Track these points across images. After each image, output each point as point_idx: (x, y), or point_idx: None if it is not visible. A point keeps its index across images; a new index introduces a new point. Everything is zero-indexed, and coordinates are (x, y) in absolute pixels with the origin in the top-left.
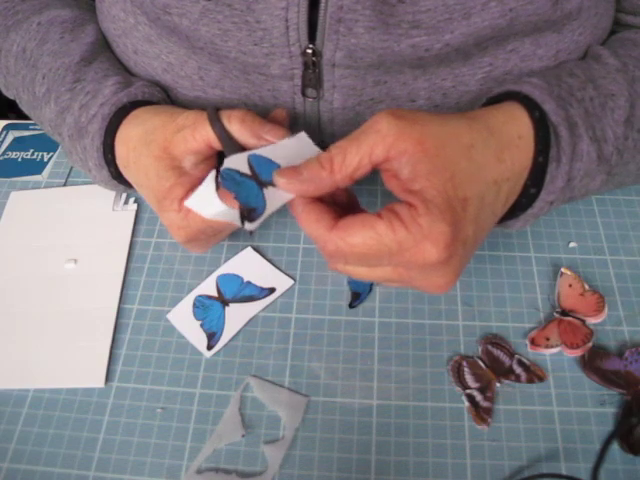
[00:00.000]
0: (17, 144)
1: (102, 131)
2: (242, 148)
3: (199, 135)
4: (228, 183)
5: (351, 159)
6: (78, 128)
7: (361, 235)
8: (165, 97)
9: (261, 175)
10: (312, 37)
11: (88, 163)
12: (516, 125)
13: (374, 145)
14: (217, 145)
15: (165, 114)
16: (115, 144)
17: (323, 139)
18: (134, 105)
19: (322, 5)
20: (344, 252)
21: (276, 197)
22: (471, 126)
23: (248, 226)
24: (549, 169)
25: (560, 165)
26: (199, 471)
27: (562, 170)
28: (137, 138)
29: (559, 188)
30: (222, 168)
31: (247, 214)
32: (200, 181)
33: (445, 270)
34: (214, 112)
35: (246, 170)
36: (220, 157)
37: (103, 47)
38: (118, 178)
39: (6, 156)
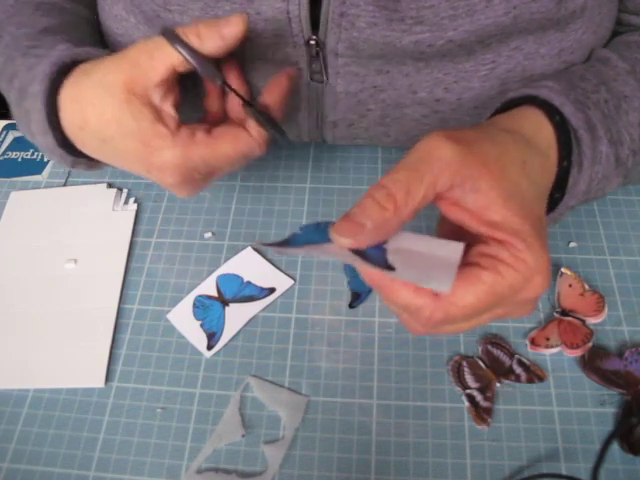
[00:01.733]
0: (17, 144)
1: (43, 92)
2: (210, 59)
3: (159, 62)
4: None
5: (416, 192)
6: (21, 90)
7: (472, 293)
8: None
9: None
10: (315, 27)
11: (31, 127)
12: (543, 133)
13: (439, 174)
14: (181, 67)
15: (111, 57)
16: (61, 105)
17: (324, 132)
18: (77, 64)
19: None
20: (455, 317)
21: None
22: (515, 140)
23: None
24: (572, 173)
25: (582, 169)
26: (199, 471)
27: (584, 174)
28: (91, 90)
29: (581, 192)
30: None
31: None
32: (176, 110)
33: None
34: (171, 33)
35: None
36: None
37: (76, 29)
38: (65, 147)
39: (6, 156)
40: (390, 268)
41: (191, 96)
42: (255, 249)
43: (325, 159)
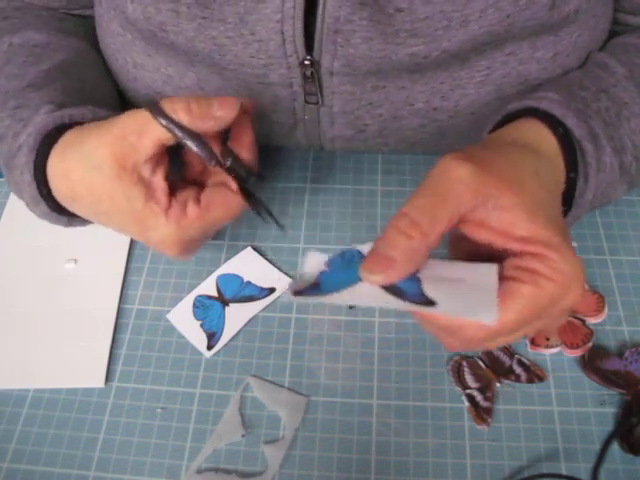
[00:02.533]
0: None
1: (30, 165)
2: (197, 134)
3: (147, 139)
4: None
5: (442, 217)
6: (8, 159)
7: (514, 310)
8: (102, 115)
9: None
10: (309, 47)
11: (23, 197)
12: (547, 144)
13: (461, 196)
14: (168, 140)
15: (97, 130)
16: (50, 179)
17: (323, 144)
18: (63, 131)
19: (319, 17)
20: (497, 334)
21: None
22: (523, 153)
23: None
24: (578, 184)
25: (588, 179)
26: (199, 471)
27: (590, 184)
28: (78, 166)
29: (588, 201)
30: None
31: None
32: (167, 185)
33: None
34: (156, 107)
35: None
36: (170, 153)
37: (64, 74)
38: (59, 210)
39: None
40: (431, 303)
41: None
42: (255, 249)
43: (325, 159)
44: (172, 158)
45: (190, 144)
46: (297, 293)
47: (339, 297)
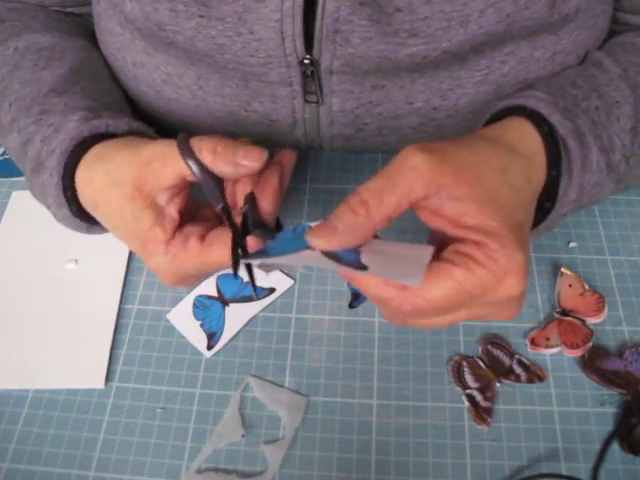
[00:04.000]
0: None
1: (60, 168)
2: (219, 179)
3: (170, 169)
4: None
5: (389, 200)
6: (38, 162)
7: (440, 287)
8: (135, 127)
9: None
10: (309, 46)
11: (47, 199)
12: (529, 142)
13: (412, 183)
14: (190, 177)
15: (127, 149)
16: (77, 184)
17: (322, 143)
18: (96, 138)
19: (318, 16)
20: (423, 309)
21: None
22: (495, 148)
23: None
24: (561, 182)
25: (572, 177)
26: (199, 471)
27: (574, 182)
28: (102, 179)
29: (572, 200)
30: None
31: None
32: (178, 218)
33: (521, 298)
34: (185, 143)
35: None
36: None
37: (79, 77)
38: (80, 216)
39: (7, 156)
40: (363, 267)
41: None
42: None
43: (325, 159)
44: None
45: (204, 185)
46: (245, 259)
47: (282, 259)
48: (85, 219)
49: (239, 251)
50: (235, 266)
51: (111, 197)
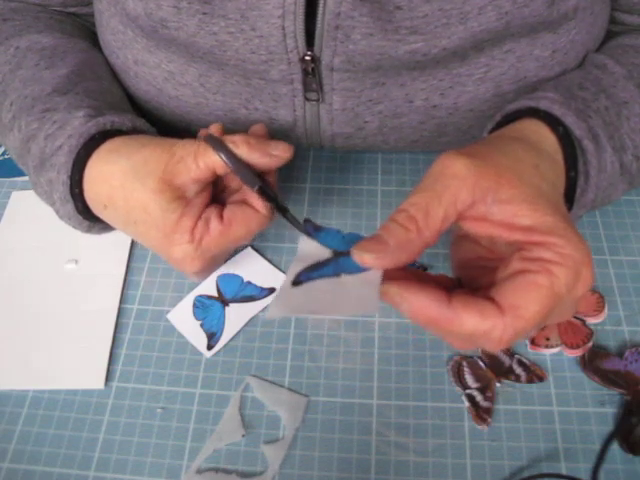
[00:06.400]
0: None
1: (69, 164)
2: (252, 169)
3: (203, 163)
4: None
5: (436, 213)
6: (43, 159)
7: (535, 301)
8: (138, 125)
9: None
10: (310, 43)
11: (53, 196)
12: (547, 143)
13: (457, 192)
14: (221, 170)
15: (153, 145)
16: (88, 180)
17: (322, 142)
18: (103, 136)
19: (319, 12)
20: (525, 329)
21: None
22: (524, 147)
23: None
24: (579, 183)
25: (589, 178)
26: (199, 471)
27: (591, 183)
28: (123, 174)
29: (590, 200)
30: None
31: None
32: (204, 209)
33: (590, 288)
34: (215, 140)
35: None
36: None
37: (81, 77)
38: (84, 213)
39: (7, 156)
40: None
41: None
42: (255, 249)
43: (325, 159)
44: None
45: (238, 173)
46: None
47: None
48: (88, 217)
49: (290, 212)
50: (299, 226)
51: (134, 191)
